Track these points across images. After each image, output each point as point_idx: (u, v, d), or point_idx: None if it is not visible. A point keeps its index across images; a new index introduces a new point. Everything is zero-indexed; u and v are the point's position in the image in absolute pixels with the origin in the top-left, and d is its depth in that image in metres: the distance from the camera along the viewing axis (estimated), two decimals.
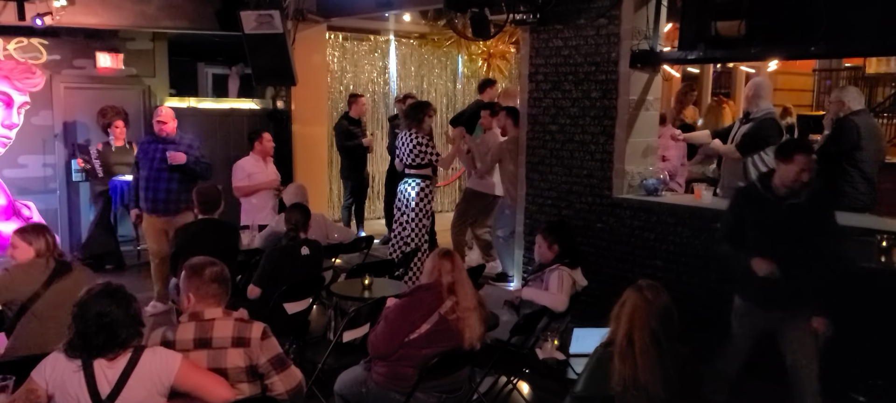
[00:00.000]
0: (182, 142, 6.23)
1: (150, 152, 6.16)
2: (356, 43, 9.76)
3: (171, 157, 6.02)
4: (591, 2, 5.62)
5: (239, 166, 6.69)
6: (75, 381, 2.55)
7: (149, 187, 6.19)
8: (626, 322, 2.84)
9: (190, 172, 6.15)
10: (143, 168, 6.20)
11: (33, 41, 7.48)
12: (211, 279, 2.93)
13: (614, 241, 5.65)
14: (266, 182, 6.72)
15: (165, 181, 6.15)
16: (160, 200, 6.16)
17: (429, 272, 3.67)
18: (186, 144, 6.24)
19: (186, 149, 6.16)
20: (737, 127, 5.68)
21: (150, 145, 6.20)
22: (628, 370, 2.78)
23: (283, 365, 2.92)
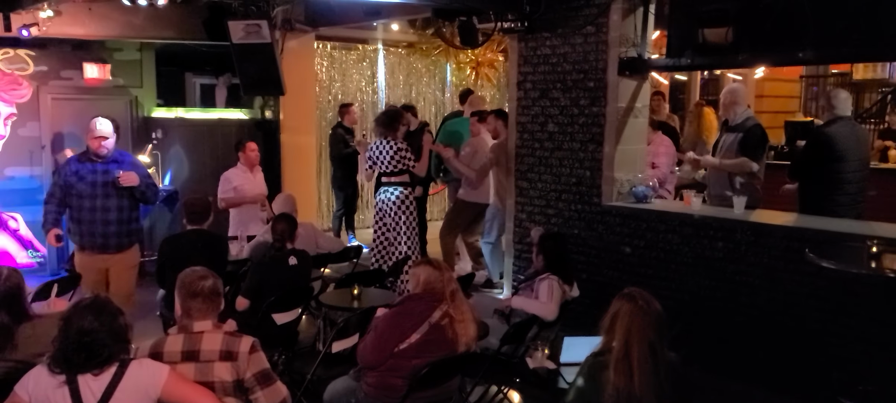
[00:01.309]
0: (125, 160, 5.31)
1: (86, 175, 5.11)
2: (344, 52, 9.75)
3: (124, 178, 5.07)
4: (579, 10, 5.63)
5: (225, 178, 6.65)
6: (59, 396, 2.51)
7: (90, 219, 5.11)
8: (622, 333, 2.79)
9: (140, 197, 5.27)
10: (77, 194, 5.11)
11: (20, 52, 7.42)
12: (202, 291, 2.90)
13: (604, 249, 5.65)
14: (251, 196, 6.68)
15: (115, 210, 5.14)
16: (111, 233, 5.14)
17: (421, 281, 3.65)
18: (130, 162, 5.35)
19: (131, 167, 5.23)
20: (722, 136, 5.69)
21: (83, 166, 5.13)
22: (623, 381, 2.75)
23: (269, 381, 2.89)
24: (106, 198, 5.12)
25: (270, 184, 7.91)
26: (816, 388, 4.42)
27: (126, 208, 5.21)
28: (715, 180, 5.66)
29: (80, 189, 5.11)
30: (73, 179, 5.12)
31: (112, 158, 5.17)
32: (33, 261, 7.69)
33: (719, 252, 4.96)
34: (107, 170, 5.12)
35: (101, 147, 5.11)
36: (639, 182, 5.65)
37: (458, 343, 3.56)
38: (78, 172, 5.13)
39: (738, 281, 4.86)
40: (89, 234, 5.14)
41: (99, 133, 5.10)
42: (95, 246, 5.15)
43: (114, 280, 5.20)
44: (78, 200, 5.12)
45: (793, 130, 8.32)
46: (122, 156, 5.36)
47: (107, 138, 5.12)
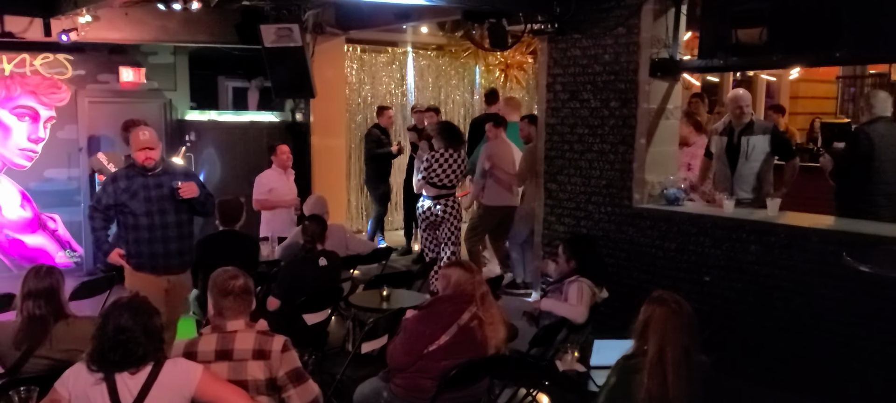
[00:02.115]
0: (177, 170, 4.88)
1: (138, 190, 4.57)
2: (374, 55, 9.81)
3: (184, 190, 4.58)
4: (610, 11, 5.60)
5: (260, 181, 6.75)
6: (97, 393, 2.57)
7: (150, 238, 4.59)
8: (656, 338, 2.76)
9: (199, 209, 4.79)
10: (131, 213, 4.58)
11: (59, 57, 7.60)
12: (234, 290, 2.95)
13: (634, 252, 5.60)
14: (286, 200, 6.76)
15: (174, 225, 4.65)
16: (173, 252, 4.65)
17: (451, 283, 3.65)
18: (183, 172, 4.92)
19: (184, 177, 4.75)
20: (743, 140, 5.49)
21: (133, 180, 4.59)
22: (657, 386, 2.72)
23: (301, 379, 2.92)
24: (163, 213, 4.60)
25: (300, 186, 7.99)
26: (852, 397, 4.33)
27: (185, 222, 4.74)
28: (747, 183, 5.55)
29: (133, 206, 4.57)
30: (124, 197, 4.57)
31: (163, 170, 4.68)
32: (70, 261, 7.85)
33: (752, 255, 4.89)
34: (159, 182, 4.61)
35: (149, 159, 4.56)
36: (670, 184, 5.60)
37: (487, 345, 3.56)
38: (128, 189, 4.58)
39: (771, 284, 4.79)
40: (149, 255, 4.60)
41: (144, 143, 4.56)
42: (158, 267, 4.60)
43: (170, 301, 4.62)
44: (133, 219, 4.59)
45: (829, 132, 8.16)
46: (173, 166, 4.97)
47: (153, 148, 4.59)
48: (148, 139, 4.58)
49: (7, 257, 7.59)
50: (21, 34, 6.74)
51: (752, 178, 5.47)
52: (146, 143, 4.56)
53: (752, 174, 5.47)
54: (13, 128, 7.51)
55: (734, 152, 5.55)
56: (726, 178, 5.59)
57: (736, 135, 5.54)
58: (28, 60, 7.48)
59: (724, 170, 5.64)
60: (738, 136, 5.52)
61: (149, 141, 4.58)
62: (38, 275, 3.38)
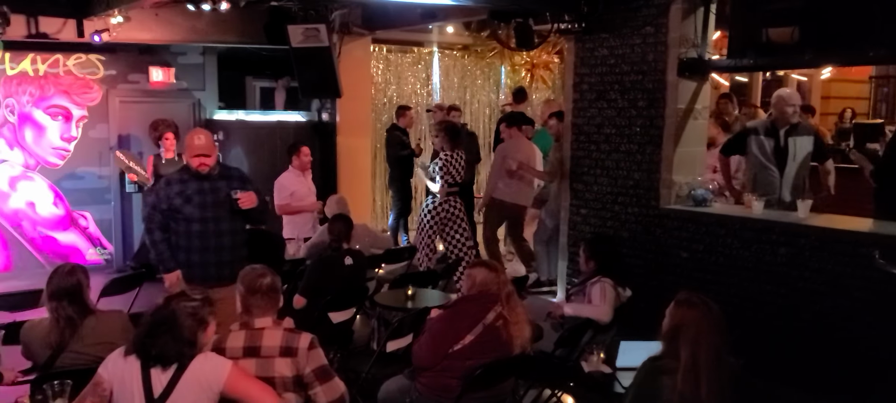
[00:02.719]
0: (233, 175, 4.53)
1: (193, 195, 4.31)
2: (400, 55, 9.84)
3: (244, 200, 4.28)
4: (638, 10, 5.56)
5: (281, 185, 6.74)
6: (133, 378, 2.64)
7: (202, 246, 4.31)
8: (689, 342, 2.71)
9: (256, 217, 4.54)
10: (184, 219, 4.30)
11: (91, 57, 7.73)
12: (261, 288, 2.98)
13: (661, 253, 5.55)
14: (308, 205, 6.80)
15: (228, 234, 4.37)
16: (225, 262, 4.28)
17: (476, 283, 3.65)
18: (239, 178, 4.54)
19: (241, 184, 4.42)
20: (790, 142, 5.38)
21: (188, 184, 4.33)
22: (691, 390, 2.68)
23: (328, 377, 2.94)
24: (218, 221, 4.32)
25: (326, 186, 8.05)
26: (882, 400, 4.25)
27: (239, 231, 4.45)
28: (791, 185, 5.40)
29: (186, 212, 4.29)
30: (177, 201, 4.30)
31: (219, 174, 4.40)
32: (100, 258, 7.99)
33: (782, 257, 4.82)
34: (215, 187, 4.34)
35: (203, 165, 4.29)
36: (698, 184, 5.54)
37: (512, 345, 3.56)
38: (182, 192, 4.31)
39: (801, 287, 4.72)
40: (201, 265, 4.31)
41: (199, 150, 4.29)
42: (209, 278, 4.20)
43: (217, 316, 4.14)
44: (185, 224, 4.31)
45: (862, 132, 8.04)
46: (229, 170, 4.60)
47: (208, 155, 4.31)
48: (202, 145, 4.30)
49: (40, 254, 7.74)
50: (55, 35, 6.86)
51: (797, 181, 5.35)
52: (201, 150, 4.29)
53: (799, 176, 5.36)
54: (47, 127, 7.66)
55: (780, 154, 5.38)
56: (772, 181, 5.39)
57: (782, 135, 5.37)
58: (61, 61, 7.62)
59: (768, 173, 5.43)
60: (785, 137, 5.36)
61: (203, 147, 4.29)
62: (63, 274, 3.44)
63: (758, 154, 5.48)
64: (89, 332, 3.36)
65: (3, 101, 7.43)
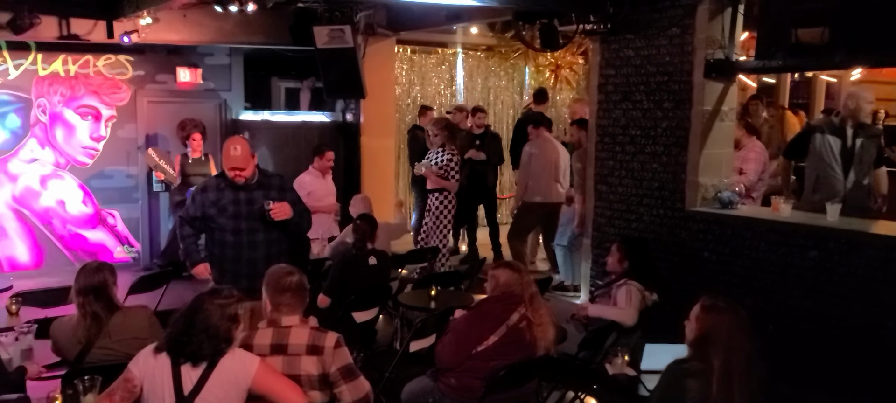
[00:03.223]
0: (272, 184, 4.36)
1: (227, 205, 4.22)
2: (424, 56, 9.87)
3: (275, 211, 4.15)
4: (664, 11, 5.52)
5: (300, 183, 6.79)
6: (163, 375, 2.68)
7: (235, 256, 4.23)
8: (721, 349, 2.68)
9: (293, 229, 4.37)
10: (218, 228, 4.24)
11: (120, 58, 7.85)
12: (290, 286, 3.01)
13: (686, 255, 5.50)
14: (325, 205, 6.85)
15: (263, 245, 4.24)
16: (258, 274, 3.52)
17: (499, 284, 3.65)
18: (278, 186, 4.39)
19: (280, 193, 4.31)
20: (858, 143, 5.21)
21: (223, 193, 4.23)
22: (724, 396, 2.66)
23: (353, 375, 2.96)
24: (252, 232, 4.21)
25: (349, 186, 8.10)
26: None
27: (276, 241, 4.29)
28: (855, 191, 5.23)
29: (220, 222, 4.21)
30: (212, 211, 4.22)
31: (257, 183, 4.27)
32: (128, 256, 8.10)
33: (810, 261, 4.75)
34: (252, 198, 4.22)
35: (239, 177, 4.17)
36: (724, 187, 5.49)
37: (536, 347, 3.55)
38: (217, 201, 4.22)
39: (830, 291, 4.65)
40: (233, 274, 4.14)
41: (234, 162, 4.15)
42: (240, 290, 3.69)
43: None
44: (220, 234, 4.23)
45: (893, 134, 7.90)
46: (269, 179, 4.39)
47: (244, 168, 4.16)
48: (238, 157, 4.13)
49: (69, 251, 7.87)
50: (86, 36, 6.97)
51: (860, 184, 5.20)
52: (236, 162, 4.14)
53: (863, 179, 5.20)
54: (77, 126, 7.79)
55: (847, 155, 5.19)
56: (835, 183, 5.20)
57: (849, 135, 5.17)
58: (91, 61, 7.74)
59: (833, 175, 5.23)
60: (853, 137, 5.17)
61: (239, 159, 4.13)
62: (90, 272, 3.50)
63: (822, 154, 5.26)
64: (116, 328, 3.42)
65: (36, 101, 7.57)
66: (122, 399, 2.67)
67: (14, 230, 7.64)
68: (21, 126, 7.56)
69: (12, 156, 7.57)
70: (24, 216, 7.68)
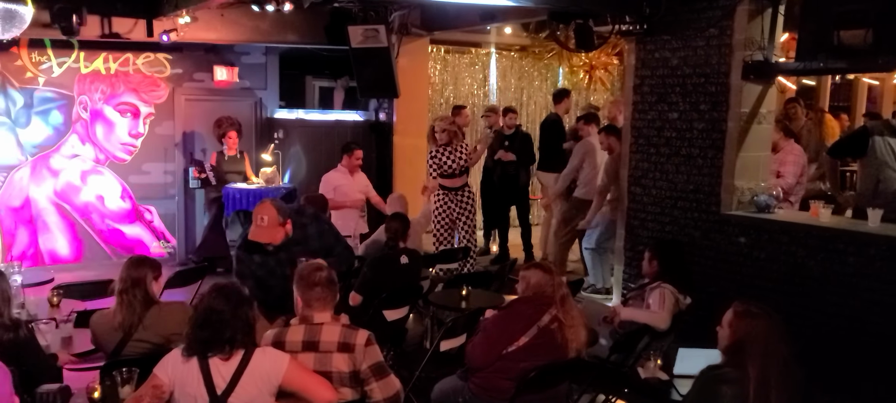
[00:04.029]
0: (309, 234, 4.33)
1: (273, 266, 4.24)
2: (457, 56, 9.86)
3: None
4: (702, 12, 5.45)
5: (326, 179, 6.91)
6: (193, 377, 2.70)
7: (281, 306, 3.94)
8: (758, 357, 2.64)
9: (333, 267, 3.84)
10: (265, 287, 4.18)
11: (159, 56, 7.99)
12: (320, 282, 3.03)
13: (721, 259, 5.43)
14: (351, 200, 6.90)
15: None
16: None
17: (530, 285, 3.64)
18: (317, 233, 4.38)
19: (318, 238, 4.35)
20: None
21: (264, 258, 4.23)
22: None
23: (383, 373, 2.97)
24: (285, 282, 3.90)
25: (382, 185, 8.13)
26: None
27: None
28: None
29: (271, 283, 4.21)
30: (261, 273, 4.22)
31: (293, 240, 4.22)
32: (164, 251, 8.24)
33: (849, 267, 4.65)
34: (288, 251, 4.19)
35: (271, 241, 4.15)
36: (761, 190, 5.40)
37: (567, 348, 3.53)
38: (264, 264, 4.22)
39: (869, 299, 4.55)
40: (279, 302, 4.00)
41: (259, 235, 4.12)
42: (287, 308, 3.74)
43: None
44: (265, 290, 4.16)
45: None
46: (305, 232, 4.28)
47: (271, 241, 4.13)
48: (264, 229, 4.08)
49: (107, 245, 8.04)
50: (126, 35, 7.11)
51: None
52: (260, 236, 4.10)
53: None
54: (116, 123, 7.95)
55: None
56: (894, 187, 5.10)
57: None
58: (131, 59, 7.90)
59: (892, 178, 5.12)
60: None
61: (265, 232, 4.08)
62: (132, 265, 3.57)
63: (885, 158, 5.14)
64: (154, 321, 3.48)
65: (78, 99, 7.75)
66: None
67: (55, 224, 7.83)
68: (63, 122, 7.74)
69: (54, 152, 7.75)
70: (65, 210, 7.87)
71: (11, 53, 7.35)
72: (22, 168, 7.63)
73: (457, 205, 6.89)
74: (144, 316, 3.47)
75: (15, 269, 4.65)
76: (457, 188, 6.91)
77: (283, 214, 4.14)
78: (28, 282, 4.87)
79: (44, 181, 7.74)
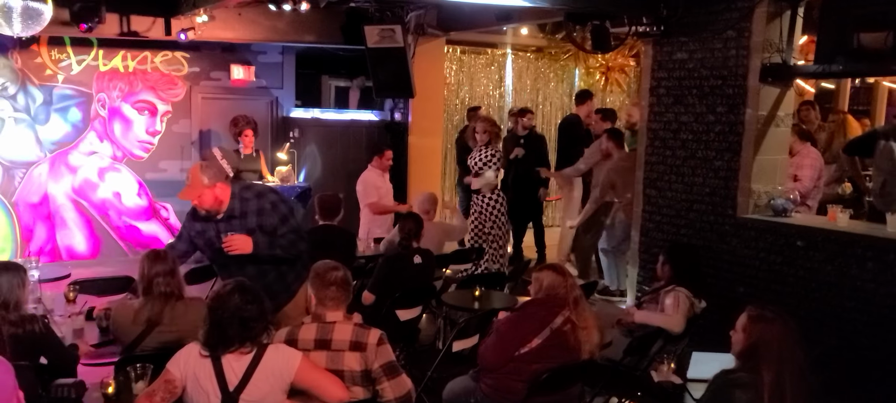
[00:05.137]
0: (249, 210, 3.89)
1: (195, 238, 3.98)
2: (473, 56, 9.86)
3: (232, 244, 3.76)
4: (720, 14, 5.40)
5: (369, 182, 6.81)
6: (206, 374, 2.71)
7: None
8: (772, 361, 2.60)
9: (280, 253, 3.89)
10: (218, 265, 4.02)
11: (177, 55, 8.05)
12: (336, 281, 3.03)
13: (737, 263, 5.38)
14: (393, 205, 6.91)
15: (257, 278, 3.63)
16: None
17: (543, 286, 3.62)
18: (257, 211, 3.89)
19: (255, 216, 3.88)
20: None
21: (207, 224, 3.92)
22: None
23: (395, 372, 2.97)
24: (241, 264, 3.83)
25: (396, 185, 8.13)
26: None
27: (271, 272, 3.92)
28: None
29: (211, 255, 4.03)
30: (200, 241, 3.99)
31: (228, 213, 3.86)
32: None
33: (868, 273, 4.59)
34: (228, 223, 3.88)
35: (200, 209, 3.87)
36: (778, 194, 5.35)
37: (580, 350, 3.51)
38: (204, 233, 3.95)
39: (889, 305, 4.49)
40: None
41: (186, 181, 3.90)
42: None
43: None
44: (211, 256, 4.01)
45: None
46: (245, 197, 3.91)
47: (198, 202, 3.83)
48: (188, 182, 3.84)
49: (124, 242, 8.11)
50: (144, 33, 7.17)
51: None
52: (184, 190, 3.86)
53: None
54: (133, 121, 8.02)
55: None
56: None
57: None
58: (149, 58, 7.96)
59: None
60: None
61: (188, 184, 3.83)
62: (159, 258, 3.57)
63: (889, 159, 5.23)
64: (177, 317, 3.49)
65: (96, 96, 7.82)
66: (163, 399, 2.70)
67: (73, 220, 7.90)
68: (81, 119, 7.81)
69: (72, 149, 7.83)
70: (83, 207, 7.94)
71: (31, 51, 7.44)
72: (41, 164, 7.71)
73: None
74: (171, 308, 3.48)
75: (32, 264, 4.70)
76: None
77: (209, 177, 3.79)
78: (45, 278, 4.92)
79: (62, 177, 7.82)
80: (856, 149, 5.62)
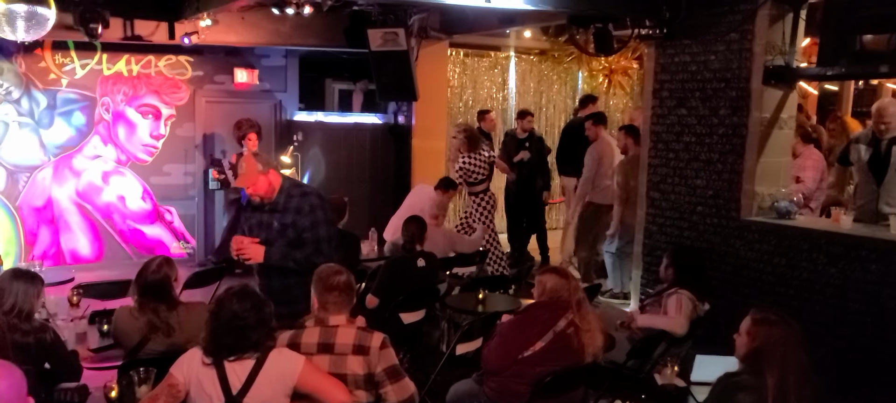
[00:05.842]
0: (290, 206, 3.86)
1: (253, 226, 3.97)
2: (476, 59, 9.87)
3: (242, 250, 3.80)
4: (723, 16, 5.41)
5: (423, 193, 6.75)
6: (209, 378, 2.71)
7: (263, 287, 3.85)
8: (776, 364, 2.60)
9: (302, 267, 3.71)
10: None
11: (180, 58, 8.07)
12: (338, 286, 3.03)
13: (740, 266, 5.38)
14: None
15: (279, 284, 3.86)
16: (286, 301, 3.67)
17: (546, 289, 3.62)
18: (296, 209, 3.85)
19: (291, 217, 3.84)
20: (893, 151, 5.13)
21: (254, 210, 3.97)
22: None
23: (398, 376, 2.97)
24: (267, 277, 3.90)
25: (399, 188, 8.15)
26: None
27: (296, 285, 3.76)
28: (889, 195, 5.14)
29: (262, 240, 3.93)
30: (252, 222, 4.00)
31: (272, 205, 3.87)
32: (183, 252, 8.31)
33: (872, 275, 4.59)
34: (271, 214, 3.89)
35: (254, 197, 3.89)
36: (781, 196, 5.34)
37: (584, 353, 3.51)
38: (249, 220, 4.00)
39: (893, 307, 4.48)
40: None
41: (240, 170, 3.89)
42: None
43: None
44: None
45: None
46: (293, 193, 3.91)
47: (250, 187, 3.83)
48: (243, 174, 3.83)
49: (128, 245, 8.12)
50: (148, 37, 7.19)
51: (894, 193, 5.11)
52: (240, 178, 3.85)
53: None
54: (138, 124, 8.03)
55: (882, 164, 5.16)
56: (871, 192, 5.22)
57: (884, 144, 5.16)
58: (153, 62, 7.98)
59: (868, 184, 5.25)
60: (886, 147, 5.14)
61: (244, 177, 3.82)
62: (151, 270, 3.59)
63: (857, 164, 5.34)
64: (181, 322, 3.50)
65: (100, 100, 7.84)
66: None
67: (77, 224, 7.92)
68: (86, 123, 7.83)
69: (77, 153, 7.85)
70: (87, 210, 7.96)
71: (35, 55, 7.46)
72: (45, 168, 7.73)
73: None
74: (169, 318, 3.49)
75: (36, 268, 4.71)
76: None
77: (263, 163, 3.85)
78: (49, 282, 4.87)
79: (66, 181, 7.84)
80: (844, 159, 5.65)
